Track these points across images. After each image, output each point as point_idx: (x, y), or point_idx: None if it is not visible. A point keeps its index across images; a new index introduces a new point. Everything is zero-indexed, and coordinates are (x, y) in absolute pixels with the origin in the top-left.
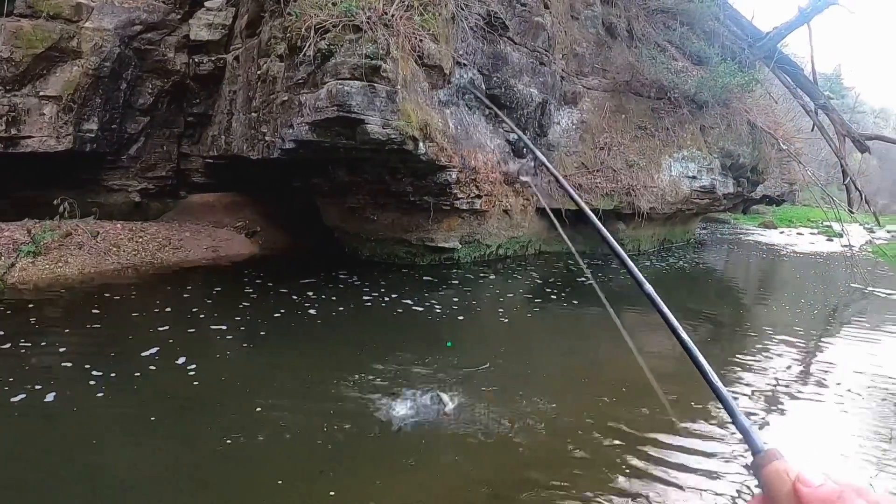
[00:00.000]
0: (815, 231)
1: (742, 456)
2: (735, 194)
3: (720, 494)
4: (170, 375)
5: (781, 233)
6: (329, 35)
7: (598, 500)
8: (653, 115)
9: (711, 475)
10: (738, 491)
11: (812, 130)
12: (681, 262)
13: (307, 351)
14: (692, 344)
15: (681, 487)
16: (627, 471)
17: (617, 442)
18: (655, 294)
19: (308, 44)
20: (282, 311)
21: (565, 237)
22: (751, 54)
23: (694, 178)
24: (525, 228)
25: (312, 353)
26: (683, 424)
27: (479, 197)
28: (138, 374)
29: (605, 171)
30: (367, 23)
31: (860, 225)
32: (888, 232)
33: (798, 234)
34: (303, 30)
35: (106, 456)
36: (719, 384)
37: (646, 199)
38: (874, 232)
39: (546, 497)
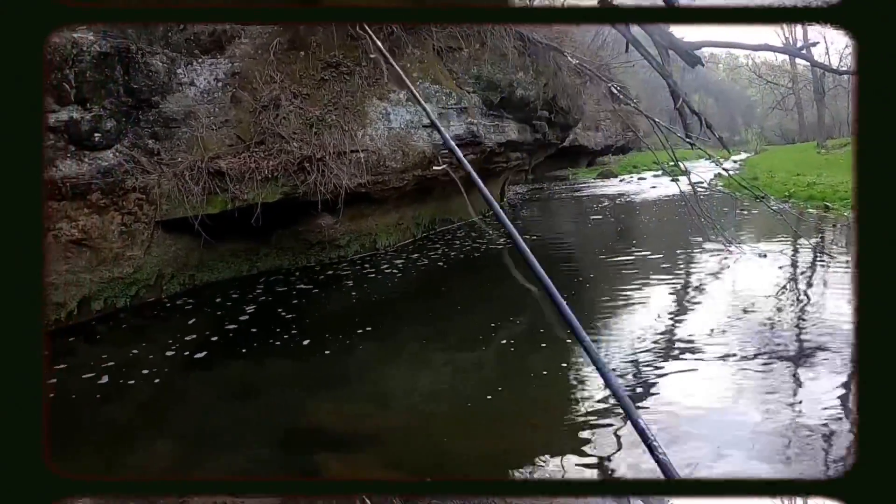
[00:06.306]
0: (660, 173)
1: None
2: (532, 142)
3: None
4: None
5: (622, 180)
6: None
7: None
8: (349, 44)
9: None
10: None
11: (627, 51)
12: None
13: None
14: None
15: None
16: None
17: None
18: None
19: None
20: None
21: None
22: None
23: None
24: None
25: None
26: None
27: None
28: None
29: (270, 141)
30: None
31: (709, 159)
32: (734, 162)
33: (640, 178)
34: None
35: None
36: None
37: (345, 171)
38: (722, 164)
39: None
